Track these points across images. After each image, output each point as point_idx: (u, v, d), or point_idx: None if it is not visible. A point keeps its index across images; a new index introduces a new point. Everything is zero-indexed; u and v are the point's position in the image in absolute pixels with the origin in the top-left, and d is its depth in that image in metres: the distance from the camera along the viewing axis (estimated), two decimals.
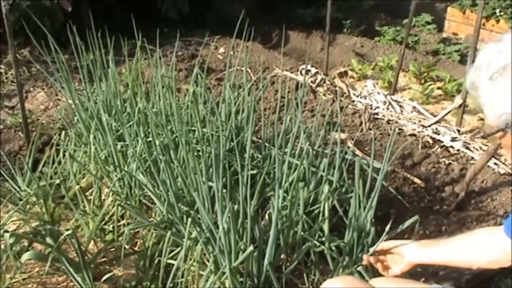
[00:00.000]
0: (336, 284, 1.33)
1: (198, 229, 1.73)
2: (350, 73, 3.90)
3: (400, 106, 3.43)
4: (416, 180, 2.53)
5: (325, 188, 1.90)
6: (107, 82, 2.46)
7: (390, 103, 3.43)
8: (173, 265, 1.74)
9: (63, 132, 2.60)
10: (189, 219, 1.73)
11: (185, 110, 2.37)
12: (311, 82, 3.61)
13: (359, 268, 1.80)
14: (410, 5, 3.22)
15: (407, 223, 1.84)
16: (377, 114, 3.30)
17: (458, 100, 3.02)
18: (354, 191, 1.84)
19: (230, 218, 1.61)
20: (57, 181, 2.17)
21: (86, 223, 2.06)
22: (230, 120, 2.18)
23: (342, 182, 2.01)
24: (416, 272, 1.91)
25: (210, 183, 1.80)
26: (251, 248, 1.59)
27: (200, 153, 1.99)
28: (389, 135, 3.00)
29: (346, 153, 2.06)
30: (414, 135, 3.03)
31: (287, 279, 1.81)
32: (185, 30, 4.29)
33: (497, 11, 4.59)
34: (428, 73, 3.80)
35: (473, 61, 1.03)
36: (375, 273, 1.81)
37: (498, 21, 4.59)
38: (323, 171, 1.96)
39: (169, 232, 1.77)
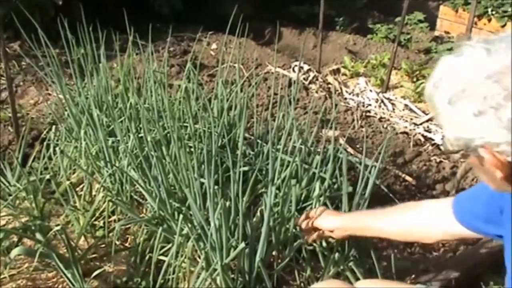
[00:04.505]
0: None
1: (189, 225, 1.72)
2: (342, 70, 3.90)
3: (392, 104, 3.44)
4: (408, 178, 2.54)
5: (317, 185, 1.90)
6: (98, 77, 2.44)
7: (382, 101, 3.44)
8: (164, 261, 1.74)
9: (54, 127, 2.57)
10: (181, 216, 1.72)
11: (177, 106, 2.36)
12: (304, 79, 3.61)
13: (351, 264, 1.80)
14: (403, 3, 3.22)
15: None
16: (369, 111, 3.30)
17: None
18: (343, 188, 1.84)
19: (221, 214, 1.60)
20: (47, 177, 2.15)
21: (76, 219, 2.04)
22: (222, 117, 2.17)
23: (335, 179, 2.01)
24: (406, 269, 1.93)
25: (202, 180, 1.79)
26: (242, 245, 1.59)
27: (192, 149, 1.98)
28: (381, 132, 3.01)
29: (338, 150, 2.06)
30: (406, 133, 3.04)
31: (279, 276, 1.80)
32: (178, 26, 4.27)
33: (489, 10, 4.62)
34: (420, 71, 3.81)
35: None
36: (366, 271, 1.82)
37: (489, 20, 4.62)
38: (316, 168, 1.96)
39: (160, 228, 1.76)
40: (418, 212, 1.43)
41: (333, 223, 1.62)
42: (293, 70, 3.69)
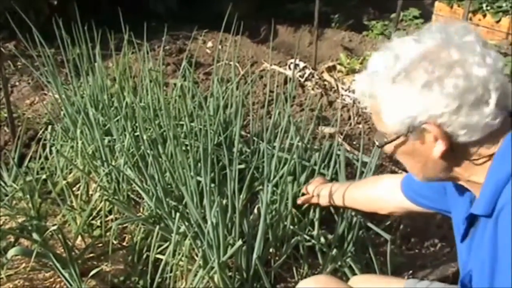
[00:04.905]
0: (310, 284, 1.35)
1: (186, 223, 1.72)
2: (338, 67, 3.90)
3: None
4: (404, 173, 2.53)
5: None
6: (94, 77, 2.44)
7: None
8: (161, 260, 1.74)
9: (50, 127, 2.57)
10: (178, 214, 1.72)
11: (173, 105, 2.36)
12: (300, 76, 3.60)
13: (348, 260, 1.81)
14: (398, 0, 3.22)
15: (394, 216, 1.86)
16: (365, 108, 3.29)
17: None
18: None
19: (218, 212, 1.60)
20: (44, 176, 2.15)
21: (73, 219, 2.04)
22: (218, 115, 2.17)
23: (334, 175, 2.01)
24: (403, 265, 1.94)
25: (198, 178, 1.79)
26: (239, 242, 1.59)
27: (188, 147, 1.98)
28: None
29: (334, 147, 2.06)
30: None
31: (276, 273, 1.81)
32: (173, 25, 4.26)
33: (484, 5, 4.62)
34: None
35: None
36: (363, 267, 1.82)
37: (484, 16, 4.62)
38: (315, 165, 1.96)
39: (157, 227, 1.76)
40: (376, 186, 1.57)
41: (319, 190, 1.76)
42: (289, 68, 3.69)
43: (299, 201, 1.84)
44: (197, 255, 1.72)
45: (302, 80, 3.58)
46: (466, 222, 1.03)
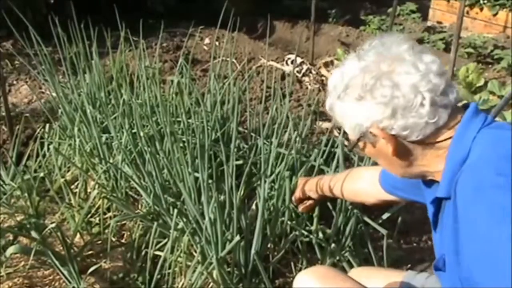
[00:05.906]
0: (308, 275, 1.36)
1: (184, 220, 1.73)
2: (335, 62, 3.90)
3: None
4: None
5: None
6: (91, 74, 2.44)
7: None
8: (160, 256, 1.74)
9: (47, 125, 2.57)
10: (176, 210, 1.73)
11: (170, 101, 2.36)
12: (297, 72, 3.60)
13: (347, 255, 1.81)
14: None
15: (392, 210, 1.86)
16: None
17: None
18: None
19: (216, 208, 1.61)
20: (42, 175, 2.15)
21: (71, 216, 2.04)
22: (215, 111, 2.17)
23: (331, 170, 2.01)
24: (401, 259, 1.94)
25: (196, 174, 1.79)
26: (237, 238, 1.60)
27: (186, 144, 1.98)
28: None
29: (333, 141, 2.07)
30: None
31: (275, 268, 1.81)
32: (170, 22, 4.26)
33: None
34: None
35: (456, 49, 1.06)
36: (361, 261, 1.83)
37: (481, 9, 4.63)
38: (314, 160, 1.96)
39: (155, 224, 1.77)
40: (360, 178, 1.61)
41: (306, 188, 1.79)
42: (286, 63, 3.69)
43: (299, 209, 1.84)
44: (195, 251, 1.73)
45: (300, 75, 3.58)
46: (433, 208, 1.08)
